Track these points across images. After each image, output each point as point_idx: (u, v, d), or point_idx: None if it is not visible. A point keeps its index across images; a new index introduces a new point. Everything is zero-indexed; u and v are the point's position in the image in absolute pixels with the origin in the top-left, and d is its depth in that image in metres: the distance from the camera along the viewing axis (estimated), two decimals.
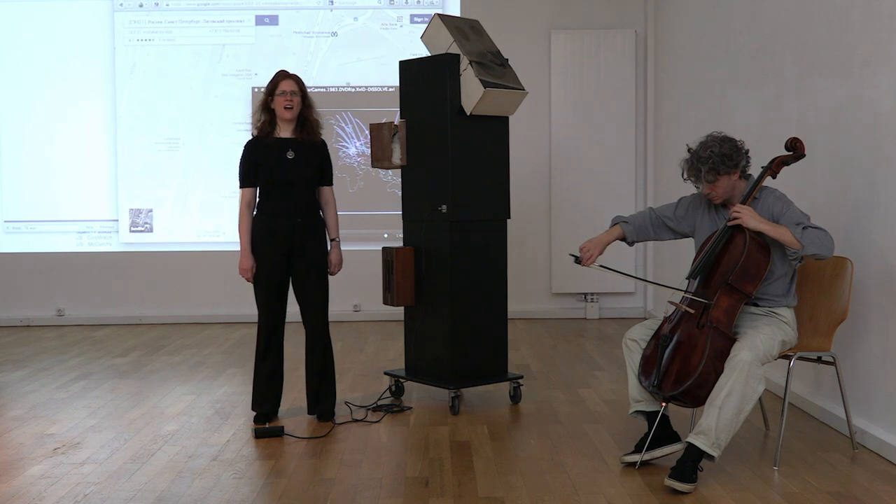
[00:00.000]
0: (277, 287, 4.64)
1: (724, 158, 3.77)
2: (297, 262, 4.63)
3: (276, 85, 4.59)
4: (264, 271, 4.60)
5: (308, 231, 4.64)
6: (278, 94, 4.57)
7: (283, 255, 4.61)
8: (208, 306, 8.15)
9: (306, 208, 4.64)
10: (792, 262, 3.79)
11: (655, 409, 3.86)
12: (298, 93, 4.60)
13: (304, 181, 4.62)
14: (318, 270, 4.68)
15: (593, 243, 4.09)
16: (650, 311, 8.09)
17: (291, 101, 4.57)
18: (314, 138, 4.67)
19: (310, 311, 4.69)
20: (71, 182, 8.17)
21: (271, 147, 4.60)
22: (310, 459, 4.09)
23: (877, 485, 3.64)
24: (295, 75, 4.66)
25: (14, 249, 8.15)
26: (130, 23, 8.11)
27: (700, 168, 3.79)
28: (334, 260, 4.77)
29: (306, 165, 4.62)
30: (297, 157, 4.60)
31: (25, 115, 8.15)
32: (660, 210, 4.17)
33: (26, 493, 3.66)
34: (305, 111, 4.64)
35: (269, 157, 4.58)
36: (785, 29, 5.08)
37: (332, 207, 4.78)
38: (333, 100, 8.04)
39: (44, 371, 6.06)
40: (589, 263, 4.05)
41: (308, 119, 4.65)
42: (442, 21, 4.92)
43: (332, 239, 4.77)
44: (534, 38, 8.14)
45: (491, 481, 3.74)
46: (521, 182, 7.67)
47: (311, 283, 4.67)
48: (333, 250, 4.77)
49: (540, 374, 5.80)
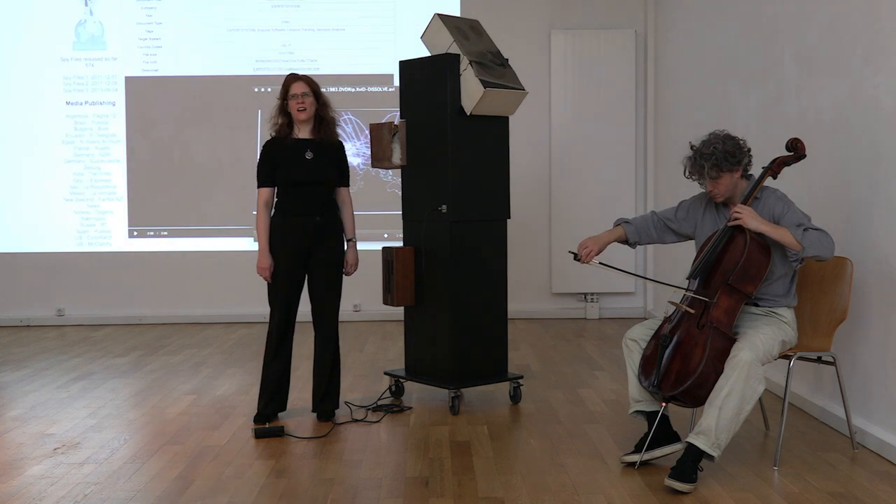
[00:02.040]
0: (293, 287, 4.65)
1: (727, 155, 3.78)
2: (315, 261, 4.65)
3: (287, 88, 4.61)
4: (281, 270, 4.60)
5: (326, 231, 4.65)
6: (290, 98, 4.59)
7: (300, 254, 4.62)
8: (208, 306, 8.15)
9: (324, 208, 4.66)
10: (792, 263, 3.79)
11: (655, 409, 3.86)
12: (311, 94, 4.61)
13: (323, 181, 4.64)
14: (334, 270, 4.70)
15: (593, 240, 4.09)
16: (650, 311, 8.09)
17: (304, 102, 4.58)
18: (332, 138, 4.69)
19: (323, 311, 4.70)
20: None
21: (290, 147, 4.61)
22: (310, 459, 4.09)
23: (877, 485, 3.64)
24: (306, 76, 4.67)
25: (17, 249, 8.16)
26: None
27: (703, 165, 3.80)
28: (350, 260, 4.79)
29: (325, 166, 4.63)
30: (316, 158, 4.62)
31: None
32: (662, 213, 4.18)
33: (26, 493, 3.66)
34: (321, 110, 4.66)
35: (288, 158, 4.60)
36: (785, 29, 5.08)
37: (348, 207, 4.79)
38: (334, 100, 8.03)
39: (44, 371, 6.06)
40: (587, 260, 4.05)
41: (325, 118, 4.67)
42: (442, 21, 4.92)
43: (349, 239, 4.79)
44: (534, 38, 8.14)
45: (491, 481, 3.74)
46: (521, 182, 7.67)
47: (327, 283, 4.68)
48: (350, 250, 4.79)
49: (540, 374, 5.80)
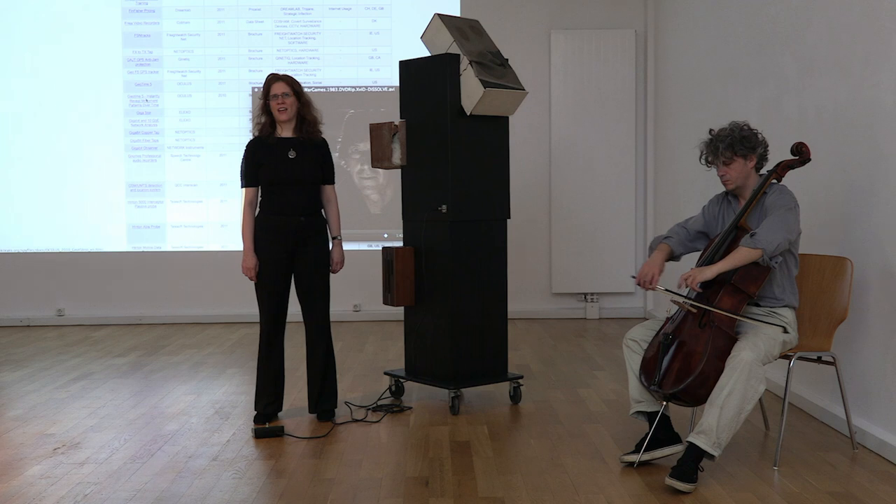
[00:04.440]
0: (280, 286, 4.64)
1: (743, 139, 3.86)
2: (300, 260, 4.64)
3: (268, 89, 4.59)
4: (267, 270, 4.60)
5: (310, 229, 4.64)
6: (271, 98, 4.58)
7: (285, 253, 4.61)
8: (208, 306, 8.14)
9: (308, 207, 4.65)
10: (771, 265, 3.75)
11: (656, 410, 3.86)
12: (291, 93, 4.58)
13: (307, 180, 4.62)
14: (320, 269, 4.69)
15: (651, 266, 4.00)
16: (650, 312, 8.08)
17: (284, 102, 4.56)
18: (315, 137, 4.67)
19: (312, 310, 4.70)
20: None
21: (273, 147, 4.60)
22: (310, 459, 4.08)
23: (877, 485, 3.64)
24: (286, 76, 4.64)
25: (17, 249, 8.16)
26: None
27: (718, 146, 3.87)
28: (336, 258, 4.78)
29: (308, 164, 4.62)
30: (299, 157, 4.60)
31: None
32: (690, 223, 4.15)
33: (26, 493, 3.66)
34: (303, 110, 4.64)
35: (271, 157, 4.58)
36: (785, 29, 5.08)
37: (333, 206, 4.79)
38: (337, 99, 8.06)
39: (44, 371, 6.06)
40: (653, 286, 3.97)
41: (306, 118, 4.65)
42: (442, 21, 4.92)
43: (334, 237, 4.78)
44: (534, 38, 8.13)
45: (491, 481, 3.74)
46: (521, 182, 7.67)
47: (314, 282, 4.67)
48: (335, 248, 4.78)
49: (540, 374, 5.80)
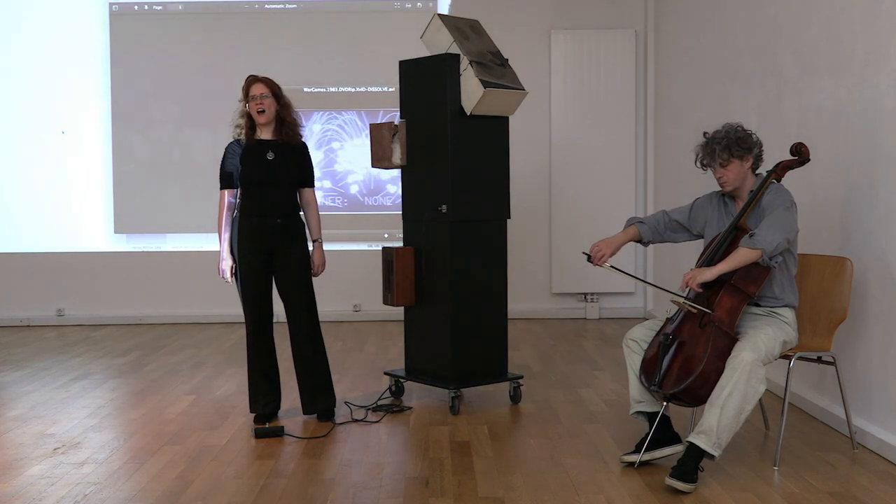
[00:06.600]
0: (260, 287, 4.62)
1: (738, 141, 3.86)
2: (279, 263, 4.62)
3: (247, 90, 4.57)
4: (246, 272, 4.58)
5: (288, 232, 4.61)
6: (250, 99, 4.55)
7: (264, 255, 4.59)
8: (208, 306, 8.14)
9: (286, 209, 4.62)
10: (771, 265, 3.76)
11: (656, 410, 3.86)
12: (269, 95, 4.56)
13: (284, 182, 4.60)
14: (300, 271, 4.65)
15: (606, 243, 4.08)
16: (650, 312, 8.09)
17: (262, 103, 4.53)
18: (294, 139, 4.64)
19: (294, 312, 4.67)
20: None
21: (251, 148, 4.58)
22: (310, 459, 4.08)
23: (877, 485, 3.64)
24: (265, 78, 4.61)
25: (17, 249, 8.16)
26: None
27: (714, 148, 3.87)
28: (317, 261, 4.75)
29: (286, 166, 4.60)
30: (277, 158, 4.58)
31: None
32: (674, 213, 4.18)
33: (26, 493, 3.66)
34: (282, 112, 4.61)
35: (249, 159, 4.56)
36: (785, 29, 5.08)
37: (313, 208, 4.76)
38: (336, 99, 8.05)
39: (44, 371, 6.06)
40: (600, 263, 4.05)
41: (286, 120, 4.62)
42: (442, 21, 4.92)
43: (315, 240, 4.75)
44: (534, 38, 8.13)
45: (491, 481, 3.74)
46: (521, 182, 7.67)
47: (294, 284, 4.65)
48: (316, 251, 4.75)
49: (540, 374, 5.80)
